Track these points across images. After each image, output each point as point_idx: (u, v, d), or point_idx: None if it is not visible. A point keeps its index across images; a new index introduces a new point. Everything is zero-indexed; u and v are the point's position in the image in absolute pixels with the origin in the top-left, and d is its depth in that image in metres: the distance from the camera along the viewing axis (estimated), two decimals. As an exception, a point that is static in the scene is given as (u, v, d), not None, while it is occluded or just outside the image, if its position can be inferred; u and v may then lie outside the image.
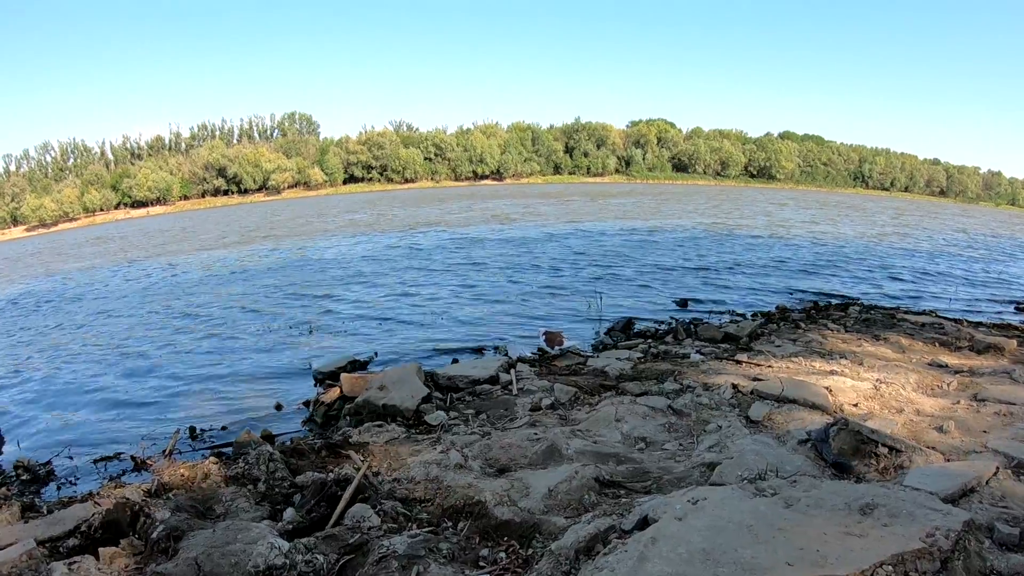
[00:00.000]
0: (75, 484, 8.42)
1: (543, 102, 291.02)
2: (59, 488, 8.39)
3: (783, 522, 4.36)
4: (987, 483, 5.18)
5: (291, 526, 5.66)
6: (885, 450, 6.05)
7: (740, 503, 4.71)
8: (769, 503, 4.67)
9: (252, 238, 44.82)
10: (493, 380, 10.45)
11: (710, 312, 17.47)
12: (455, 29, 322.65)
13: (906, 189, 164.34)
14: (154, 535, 5.36)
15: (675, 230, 40.53)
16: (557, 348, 13.73)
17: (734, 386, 8.98)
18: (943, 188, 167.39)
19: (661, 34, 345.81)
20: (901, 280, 24.25)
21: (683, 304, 18.54)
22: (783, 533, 4.22)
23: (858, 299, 19.03)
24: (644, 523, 4.80)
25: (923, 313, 16.51)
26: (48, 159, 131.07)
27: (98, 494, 6.70)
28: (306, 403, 10.97)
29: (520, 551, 5.13)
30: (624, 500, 5.75)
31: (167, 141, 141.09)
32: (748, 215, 57.14)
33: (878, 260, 29.81)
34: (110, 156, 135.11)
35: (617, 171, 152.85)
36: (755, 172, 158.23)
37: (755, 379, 9.44)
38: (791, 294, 20.35)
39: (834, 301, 18.84)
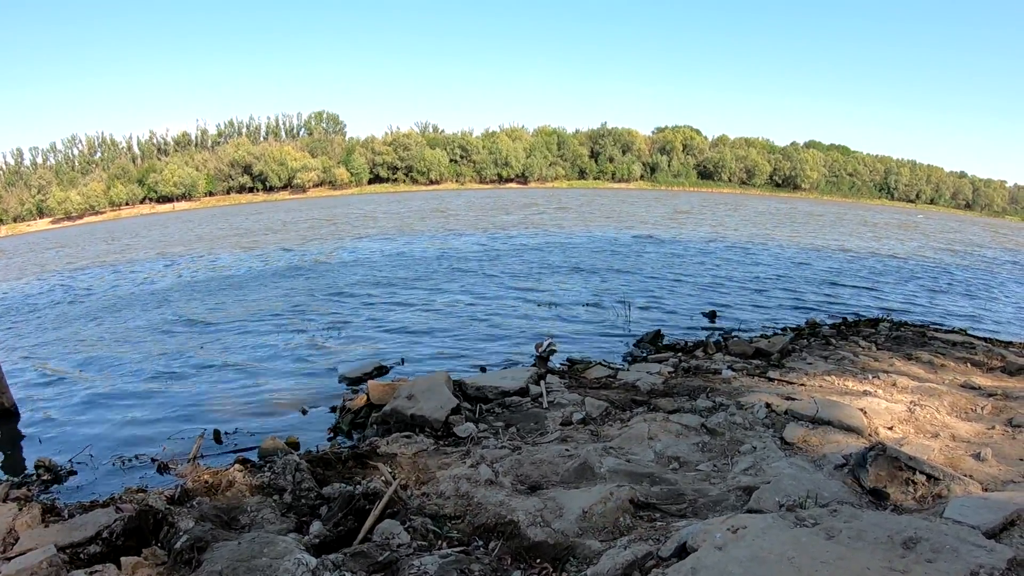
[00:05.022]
0: (96, 486, 8.34)
1: (569, 106, 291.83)
2: (79, 488, 8.34)
3: (826, 555, 4.27)
4: (1027, 516, 4.98)
5: (318, 540, 5.53)
6: (923, 478, 5.87)
7: (781, 533, 4.60)
8: (810, 534, 4.56)
9: (277, 239, 44.86)
10: (523, 392, 10.27)
11: (739, 325, 17.22)
12: (482, 31, 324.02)
13: (931, 201, 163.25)
14: (177, 545, 5.25)
15: (701, 241, 40.27)
16: (540, 351, 13.70)
17: (768, 405, 8.77)
18: (969, 201, 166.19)
19: (688, 40, 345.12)
20: (930, 296, 23.92)
21: (711, 316, 18.36)
22: (826, 567, 4.12)
23: (887, 315, 18.76)
24: (683, 550, 4.69)
25: (953, 331, 16.28)
26: (75, 152, 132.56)
27: (120, 499, 6.60)
28: (332, 408, 10.90)
29: (554, 575, 4.99)
30: (660, 524, 5.59)
31: (194, 137, 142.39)
32: (776, 226, 56.73)
33: (906, 275, 29.47)
34: (137, 151, 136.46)
35: (642, 177, 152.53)
36: (780, 181, 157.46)
37: (788, 398, 9.25)
38: (818, 308, 20.07)
39: (863, 316, 18.58)
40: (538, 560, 5.18)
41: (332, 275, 26.55)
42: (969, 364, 12.12)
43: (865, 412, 8.31)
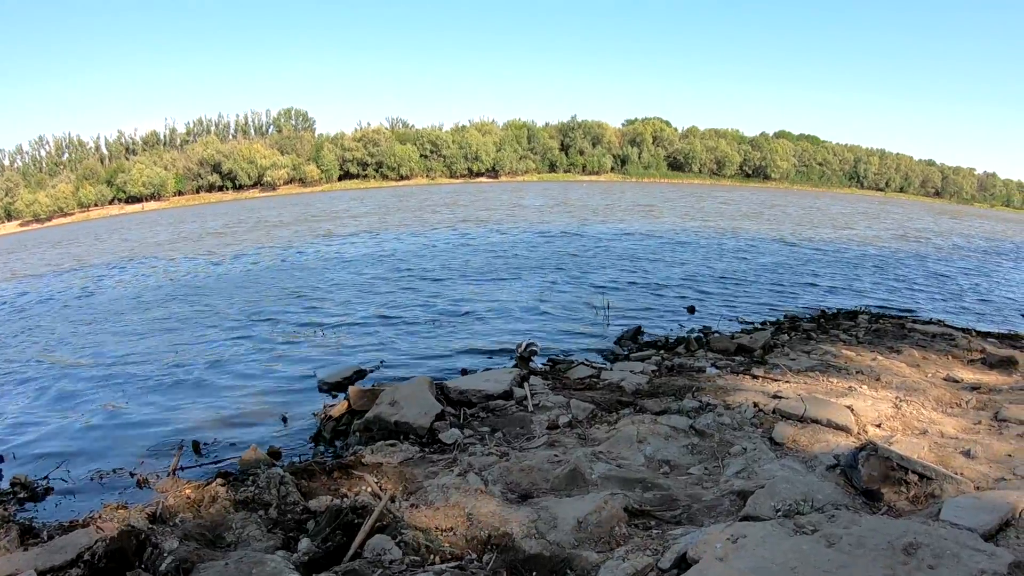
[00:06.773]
0: (75, 502, 8.13)
1: (539, 100, 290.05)
2: (57, 506, 8.13)
3: (828, 564, 4.28)
4: (1020, 515, 4.97)
5: (307, 558, 5.38)
6: (915, 477, 5.88)
7: (781, 542, 4.61)
8: (811, 542, 4.57)
9: (247, 238, 44.30)
10: (507, 395, 10.18)
11: (717, 319, 17.20)
12: (451, 26, 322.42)
13: (901, 190, 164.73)
14: (163, 568, 5.09)
15: (672, 233, 40.28)
16: (521, 351, 13.70)
17: (755, 405, 8.76)
18: (938, 189, 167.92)
19: (657, 32, 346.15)
20: (903, 284, 24.09)
21: (691, 310, 18.34)
22: (829, 576, 4.10)
23: (865, 307, 18.85)
24: (683, 561, 4.65)
25: (931, 323, 16.43)
26: (43, 154, 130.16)
27: (100, 517, 6.43)
28: (313, 415, 10.69)
29: (551, 589, 4.91)
30: (656, 532, 5.54)
31: (162, 136, 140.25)
32: (747, 217, 57.00)
33: (880, 265, 29.67)
34: (105, 151, 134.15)
35: (613, 170, 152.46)
36: (750, 172, 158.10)
37: (775, 396, 9.24)
38: (793, 300, 20.15)
39: (841, 308, 18.65)
40: (535, 573, 5.09)
41: (302, 277, 26.11)
42: (950, 357, 12.29)
43: (852, 409, 8.32)
